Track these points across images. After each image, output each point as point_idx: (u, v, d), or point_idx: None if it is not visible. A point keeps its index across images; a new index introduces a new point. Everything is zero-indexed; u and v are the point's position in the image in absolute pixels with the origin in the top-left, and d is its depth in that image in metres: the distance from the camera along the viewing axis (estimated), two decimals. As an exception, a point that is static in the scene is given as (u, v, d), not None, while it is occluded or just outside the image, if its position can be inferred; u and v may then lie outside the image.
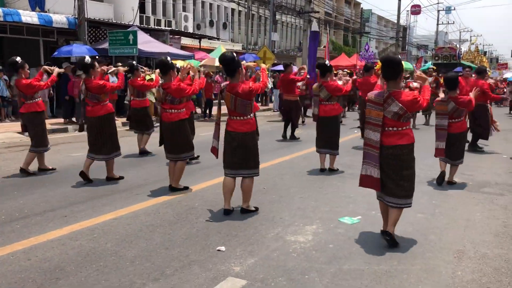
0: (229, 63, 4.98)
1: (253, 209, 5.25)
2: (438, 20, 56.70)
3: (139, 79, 8.85)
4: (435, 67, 20.46)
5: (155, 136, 8.50)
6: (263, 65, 5.63)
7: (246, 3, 29.93)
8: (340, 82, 7.92)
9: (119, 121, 13.71)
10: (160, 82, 6.15)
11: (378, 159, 4.28)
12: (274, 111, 19.11)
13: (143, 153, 8.78)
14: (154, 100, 11.95)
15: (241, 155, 5.06)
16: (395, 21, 45.40)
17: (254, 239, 4.41)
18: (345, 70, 18.27)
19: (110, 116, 6.64)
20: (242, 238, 4.43)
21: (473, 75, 10.47)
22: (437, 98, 6.95)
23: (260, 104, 20.97)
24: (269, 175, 7.08)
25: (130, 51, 15.45)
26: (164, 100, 5.90)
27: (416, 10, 48.91)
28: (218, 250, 4.11)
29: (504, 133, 13.02)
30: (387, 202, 4.39)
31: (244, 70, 5.21)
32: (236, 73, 5.01)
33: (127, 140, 10.67)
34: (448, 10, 57.41)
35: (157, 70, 9.76)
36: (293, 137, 11.42)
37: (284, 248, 4.18)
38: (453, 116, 6.63)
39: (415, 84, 6.57)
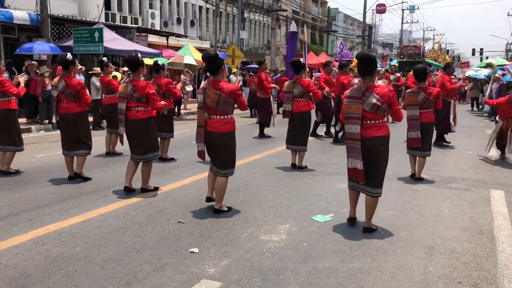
0: (213, 60, 5.00)
1: (226, 209, 5.21)
2: (402, 19, 57.94)
3: (109, 76, 8.69)
4: (396, 65, 20.91)
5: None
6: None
7: (214, 0, 29.74)
8: None
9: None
10: (129, 78, 6.03)
11: (360, 150, 4.46)
12: (243, 109, 19.09)
13: (112, 154, 8.59)
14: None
15: (220, 155, 5.08)
16: (361, 20, 46.07)
17: (228, 239, 4.36)
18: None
19: (85, 113, 6.64)
20: (215, 239, 4.37)
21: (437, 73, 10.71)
22: (408, 90, 7.19)
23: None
24: (241, 173, 7.04)
25: (96, 49, 15.09)
26: (131, 97, 5.76)
27: (381, 9, 49.91)
28: (191, 252, 4.04)
29: (468, 129, 13.42)
30: (360, 190, 4.64)
31: (226, 70, 5.22)
32: (219, 70, 5.03)
33: (93, 140, 10.42)
34: (412, 9, 58.82)
35: (124, 68, 9.61)
36: (262, 135, 11.43)
37: (258, 248, 4.15)
38: (423, 107, 6.85)
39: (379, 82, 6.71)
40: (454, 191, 6.35)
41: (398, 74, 17.21)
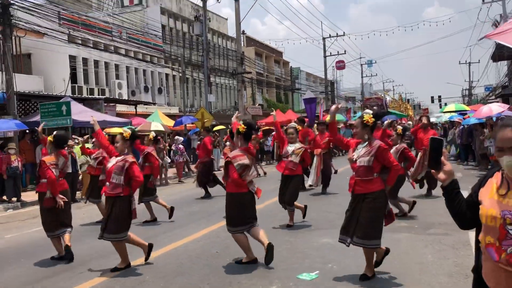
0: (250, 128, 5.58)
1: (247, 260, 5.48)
2: (362, 73, 60.40)
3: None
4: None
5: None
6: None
7: (180, 67, 30.37)
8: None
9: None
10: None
11: None
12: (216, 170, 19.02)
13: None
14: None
15: (239, 213, 5.45)
16: (323, 77, 47.69)
17: (213, 308, 4.20)
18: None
19: (65, 192, 6.30)
20: (200, 308, 4.20)
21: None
22: None
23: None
24: (219, 237, 6.90)
25: (64, 122, 14.95)
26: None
27: (340, 65, 51.86)
28: (176, 324, 3.86)
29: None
30: (356, 243, 4.70)
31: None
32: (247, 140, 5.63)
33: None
34: (370, 63, 61.51)
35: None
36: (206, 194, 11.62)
37: (246, 314, 4.01)
38: None
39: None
40: (434, 237, 6.38)
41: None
